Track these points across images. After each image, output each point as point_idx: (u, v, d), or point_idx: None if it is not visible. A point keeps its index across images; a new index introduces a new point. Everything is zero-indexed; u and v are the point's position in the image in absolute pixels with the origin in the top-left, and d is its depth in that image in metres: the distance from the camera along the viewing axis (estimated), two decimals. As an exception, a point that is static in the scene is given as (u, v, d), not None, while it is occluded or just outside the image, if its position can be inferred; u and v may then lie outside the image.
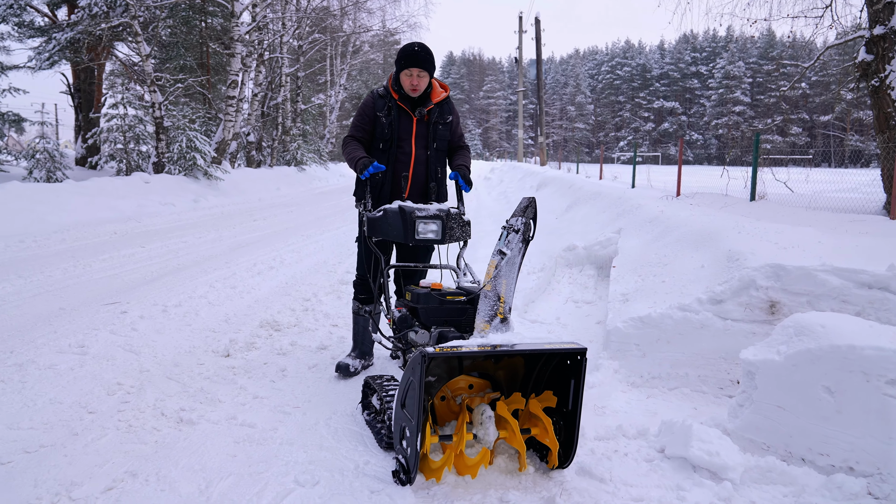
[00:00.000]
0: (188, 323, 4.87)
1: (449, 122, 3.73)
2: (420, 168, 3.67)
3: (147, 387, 3.53)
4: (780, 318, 3.55)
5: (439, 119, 3.68)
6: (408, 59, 3.50)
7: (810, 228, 4.47)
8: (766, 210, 8.52)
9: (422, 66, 3.51)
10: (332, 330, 4.81)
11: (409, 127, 3.64)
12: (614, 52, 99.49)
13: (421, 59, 3.50)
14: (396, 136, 3.61)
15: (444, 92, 3.71)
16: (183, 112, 17.56)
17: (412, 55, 3.50)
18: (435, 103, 3.66)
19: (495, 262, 2.76)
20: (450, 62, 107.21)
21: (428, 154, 3.67)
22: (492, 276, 2.74)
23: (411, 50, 3.51)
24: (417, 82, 3.53)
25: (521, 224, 2.77)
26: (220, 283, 6.33)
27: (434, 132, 3.66)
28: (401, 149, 3.64)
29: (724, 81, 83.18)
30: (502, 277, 2.74)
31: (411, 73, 3.51)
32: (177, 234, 10.00)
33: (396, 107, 3.62)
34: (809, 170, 14.10)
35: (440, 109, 3.69)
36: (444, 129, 3.71)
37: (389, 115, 3.60)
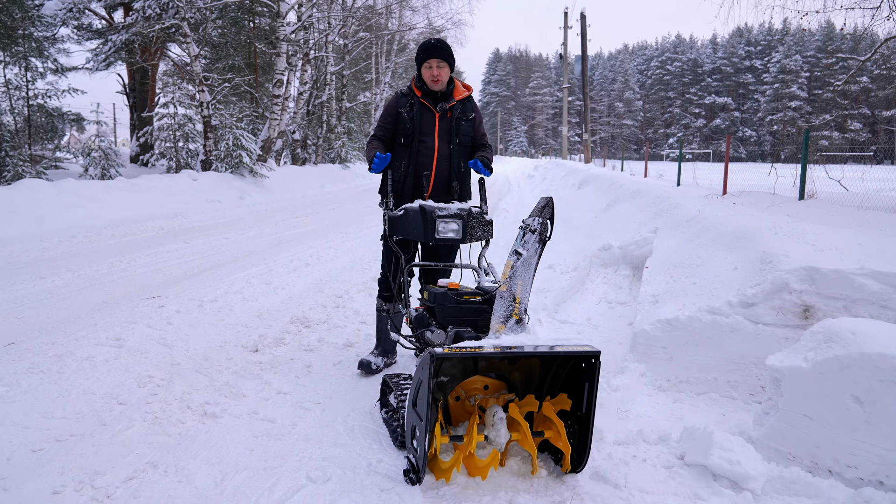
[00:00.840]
0: (222, 318, 4.98)
1: (472, 118, 3.77)
2: (443, 164, 3.70)
3: (176, 380, 3.63)
4: (814, 322, 3.41)
5: (462, 115, 3.73)
6: (426, 52, 3.60)
7: (851, 230, 4.29)
8: (814, 210, 8.21)
9: (441, 57, 3.59)
10: (360, 327, 4.85)
11: (432, 122, 3.69)
12: (664, 46, 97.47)
13: (439, 49, 3.61)
14: (419, 130, 3.66)
15: (466, 91, 3.77)
16: (230, 111, 17.99)
17: (430, 47, 3.62)
18: (458, 100, 3.72)
19: (511, 262, 2.74)
20: (496, 59, 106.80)
21: (451, 148, 3.70)
22: (507, 276, 2.72)
23: (429, 43, 3.65)
24: (438, 73, 3.60)
25: (537, 224, 2.74)
26: (257, 279, 6.46)
27: (457, 127, 3.70)
28: (423, 143, 3.68)
29: (780, 76, 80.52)
30: (518, 278, 2.71)
31: (431, 64, 3.59)
32: (220, 231, 10.24)
33: (419, 103, 3.69)
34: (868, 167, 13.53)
35: (462, 106, 3.74)
36: (468, 125, 3.74)
37: (412, 110, 3.67)
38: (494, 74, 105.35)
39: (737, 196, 11.07)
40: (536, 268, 2.78)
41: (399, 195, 3.60)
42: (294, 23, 20.74)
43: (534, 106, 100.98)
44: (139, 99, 22.88)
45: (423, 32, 39.34)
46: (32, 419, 3.07)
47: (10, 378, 3.55)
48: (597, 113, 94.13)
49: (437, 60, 3.59)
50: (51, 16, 19.49)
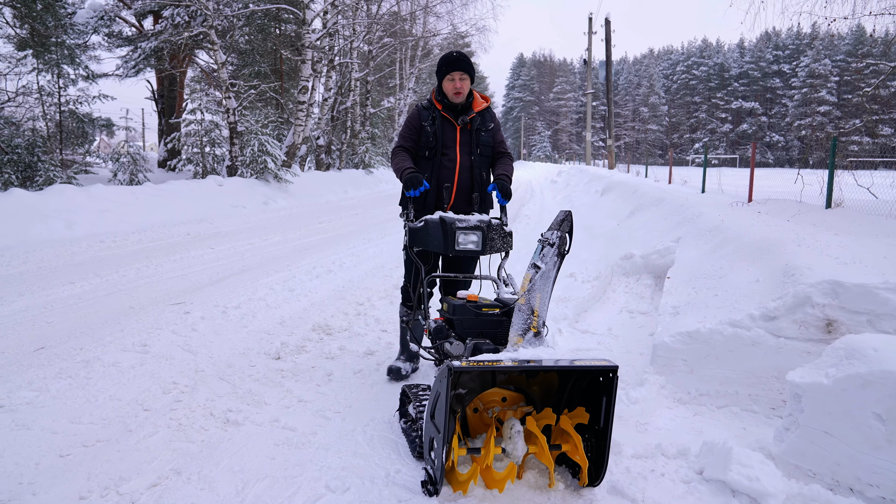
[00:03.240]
0: (245, 325, 5.06)
1: (491, 129, 3.86)
2: (465, 174, 3.79)
3: (200, 386, 3.70)
4: (837, 337, 3.37)
5: (482, 126, 3.82)
6: (449, 65, 3.68)
7: (877, 241, 4.22)
8: (840, 219, 8.08)
9: (463, 70, 3.68)
10: (380, 335, 4.89)
11: (453, 135, 3.78)
12: (690, 51, 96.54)
13: (462, 63, 3.69)
14: (441, 143, 3.74)
15: (484, 102, 3.86)
16: (256, 117, 18.23)
17: (452, 60, 3.69)
18: (477, 112, 3.80)
19: (530, 275, 2.75)
20: (520, 64, 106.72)
21: (472, 160, 3.79)
22: (526, 289, 2.74)
23: (451, 56, 3.72)
24: (460, 86, 3.68)
25: (556, 238, 2.75)
26: (280, 285, 6.54)
27: (477, 139, 3.80)
28: (446, 156, 3.76)
29: (809, 80, 79.26)
30: (536, 291, 2.73)
31: (453, 77, 3.68)
32: (244, 236, 10.38)
33: (440, 116, 3.77)
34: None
35: (482, 118, 3.83)
36: (487, 136, 3.84)
37: (434, 124, 3.74)
38: (518, 79, 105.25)
39: (762, 204, 10.94)
40: (555, 281, 2.79)
41: (422, 208, 3.66)
42: (319, 30, 20.97)
43: (558, 111, 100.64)
44: (167, 105, 23.32)
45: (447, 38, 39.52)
46: (60, 424, 3.15)
47: (39, 383, 3.65)
48: (621, 118, 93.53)
49: (459, 73, 3.67)
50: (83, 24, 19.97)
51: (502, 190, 3.56)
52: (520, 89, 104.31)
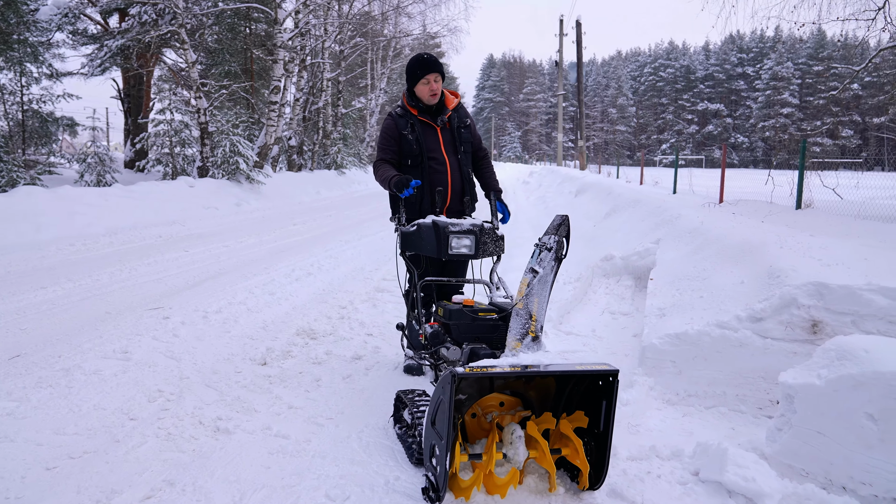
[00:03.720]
0: (227, 330, 4.97)
1: (468, 124, 3.90)
2: (456, 175, 3.81)
3: (186, 394, 3.62)
4: (822, 338, 3.45)
5: (460, 124, 3.86)
6: (422, 67, 3.67)
7: (856, 243, 4.33)
8: (812, 220, 8.27)
9: (438, 71, 3.69)
10: (366, 339, 4.86)
11: (435, 137, 3.79)
12: (657, 53, 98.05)
13: (435, 64, 3.70)
14: (425, 148, 3.73)
15: (455, 98, 3.89)
16: (227, 117, 17.97)
17: (425, 62, 3.68)
18: (452, 110, 3.83)
19: (527, 280, 2.75)
20: (490, 64, 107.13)
21: (459, 159, 3.82)
22: (524, 294, 2.74)
23: (422, 59, 3.70)
24: (436, 87, 3.70)
25: (553, 242, 2.76)
26: (259, 289, 6.45)
27: (459, 137, 3.83)
28: (434, 160, 3.76)
29: (772, 83, 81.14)
30: (534, 296, 2.73)
31: (428, 79, 3.67)
32: (219, 238, 10.22)
33: (418, 121, 3.77)
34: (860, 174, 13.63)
35: (457, 114, 3.87)
36: (467, 133, 3.88)
37: (414, 130, 3.74)
38: (488, 80, 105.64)
39: (733, 205, 11.14)
40: (552, 285, 2.80)
41: (418, 215, 3.64)
42: (291, 29, 20.76)
43: (527, 112, 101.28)
44: (134, 104, 22.83)
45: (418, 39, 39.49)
46: (44, 435, 3.06)
47: (19, 393, 3.54)
48: (590, 119, 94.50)
49: (434, 75, 3.67)
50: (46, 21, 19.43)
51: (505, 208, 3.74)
52: (490, 90, 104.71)
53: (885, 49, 11.68)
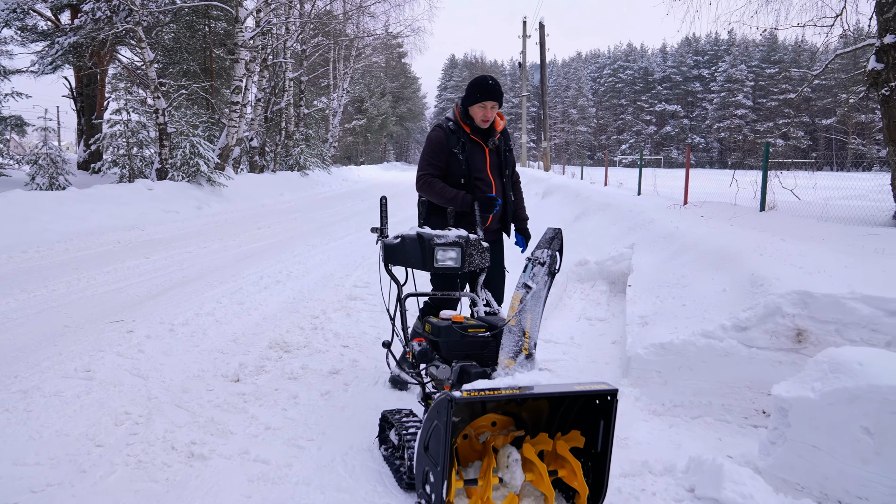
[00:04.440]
0: (196, 343, 4.77)
1: (512, 148, 3.93)
2: (500, 194, 3.81)
3: (156, 416, 3.43)
4: (807, 346, 3.45)
5: (506, 147, 3.86)
6: (484, 93, 3.57)
7: (832, 249, 4.37)
8: (778, 222, 8.41)
9: (497, 99, 3.61)
10: (342, 352, 4.70)
11: (483, 158, 3.75)
12: (616, 55, 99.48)
13: (497, 93, 3.59)
14: (474, 168, 3.69)
15: (502, 122, 3.81)
16: (186, 118, 17.50)
17: (488, 89, 3.57)
18: (500, 132, 3.79)
19: (520, 295, 2.66)
20: (452, 65, 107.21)
21: (504, 182, 3.83)
22: (516, 310, 2.65)
23: (486, 83, 3.59)
24: (491, 115, 3.64)
25: (546, 256, 2.67)
26: (227, 298, 6.24)
27: (505, 160, 3.82)
28: (480, 180, 3.72)
29: (727, 85, 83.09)
30: (527, 312, 2.64)
31: (485, 105, 3.59)
32: (181, 244, 9.91)
33: (469, 140, 3.71)
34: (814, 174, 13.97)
35: (504, 138, 3.86)
36: (511, 157, 3.90)
37: (464, 150, 3.68)
38: (450, 80, 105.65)
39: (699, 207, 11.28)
40: (546, 301, 2.72)
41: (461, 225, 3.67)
42: (252, 28, 20.35)
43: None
44: (87, 104, 22.07)
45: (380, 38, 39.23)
46: (3, 467, 2.85)
47: (-27, 419, 3.30)
48: (551, 119, 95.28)
49: (492, 102, 3.60)
50: (-7, 17, 18.65)
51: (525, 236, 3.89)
52: (452, 90, 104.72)
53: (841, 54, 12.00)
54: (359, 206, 18.28)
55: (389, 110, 63.15)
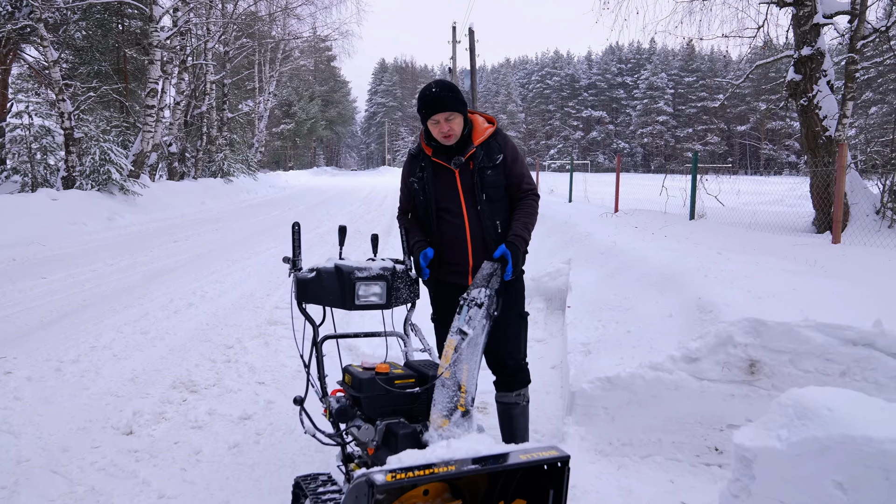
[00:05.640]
0: (85, 386, 4.16)
1: (498, 162, 2.89)
2: (476, 230, 2.90)
3: (23, 488, 2.87)
4: (760, 378, 3.23)
5: (486, 163, 2.88)
6: (428, 106, 2.80)
7: (779, 270, 4.21)
8: (710, 232, 8.40)
9: (449, 108, 2.78)
10: (257, 390, 4.20)
11: (452, 183, 2.91)
12: (544, 62, 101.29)
13: (445, 100, 2.78)
14: (433, 199, 2.92)
15: (489, 127, 2.96)
16: (96, 122, 16.34)
17: (432, 100, 2.79)
18: (478, 145, 2.89)
19: (454, 342, 2.29)
20: (382, 69, 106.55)
21: (478, 210, 2.88)
22: (450, 360, 2.27)
23: (429, 93, 2.81)
24: (448, 128, 2.80)
25: (484, 297, 2.31)
26: (130, 326, 5.61)
27: (481, 181, 2.86)
28: (447, 211, 2.92)
29: (649, 92, 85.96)
30: (463, 362, 2.27)
31: (438, 119, 2.80)
32: (85, 261, 9.08)
33: (431, 164, 2.93)
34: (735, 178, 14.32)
35: (486, 150, 2.90)
36: (495, 174, 2.88)
37: (423, 177, 2.95)
38: (381, 84, 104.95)
39: (630, 215, 11.28)
40: (484, 348, 2.35)
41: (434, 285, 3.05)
42: (169, 28, 19.29)
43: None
44: (-15, 106, 20.39)
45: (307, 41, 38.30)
46: None
47: None
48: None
49: (444, 114, 2.79)
50: None
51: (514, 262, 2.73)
52: (382, 94, 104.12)
53: (763, 64, 12.31)
54: (285, 215, 17.57)
55: (319, 114, 61.91)
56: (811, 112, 10.18)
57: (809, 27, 10.20)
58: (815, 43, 10.31)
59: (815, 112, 10.19)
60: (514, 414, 3.12)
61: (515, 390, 3.12)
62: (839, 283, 3.92)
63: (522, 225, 2.85)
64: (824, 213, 9.78)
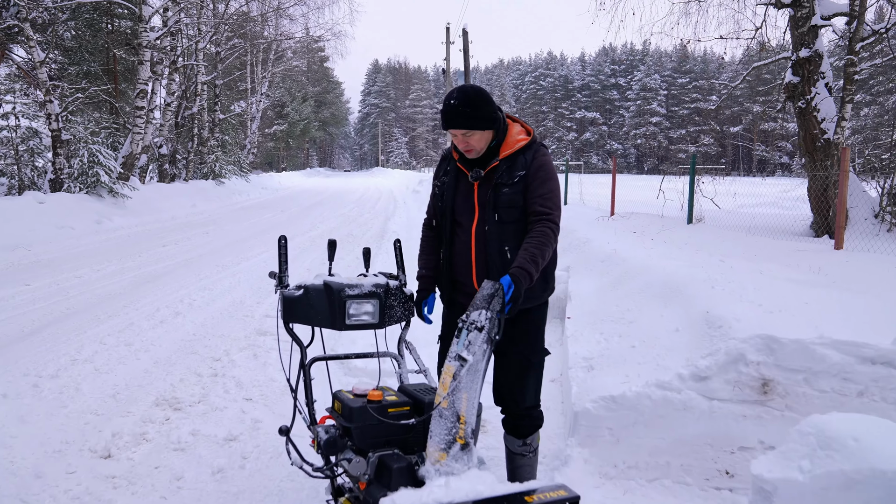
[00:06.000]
0: (64, 403, 3.97)
1: (517, 179, 2.54)
2: (481, 251, 2.61)
3: (-11, 520, 2.68)
4: (773, 398, 3.07)
5: (505, 179, 2.54)
6: (445, 120, 2.53)
7: (787, 281, 4.05)
8: (710, 237, 8.27)
9: (464, 126, 2.49)
10: (244, 408, 4.01)
11: (470, 196, 2.63)
12: (537, 63, 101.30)
13: (461, 116, 2.48)
14: (451, 209, 2.67)
15: (522, 140, 2.61)
16: (85, 124, 16.08)
17: (447, 114, 2.51)
18: (504, 157, 2.56)
19: (452, 369, 2.11)
20: (375, 70, 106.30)
21: (486, 230, 2.57)
22: (448, 388, 2.09)
23: (447, 105, 2.51)
24: (465, 143, 2.53)
25: (485, 320, 2.13)
26: (113, 337, 5.41)
27: (495, 198, 2.54)
28: (461, 226, 2.67)
29: (642, 93, 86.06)
30: (462, 391, 2.09)
31: (455, 134, 2.53)
32: (71, 266, 8.85)
33: (455, 170, 2.68)
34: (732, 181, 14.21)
35: (510, 164, 2.56)
36: (512, 192, 2.53)
37: (445, 182, 2.72)
38: (374, 85, 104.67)
39: (627, 219, 11.15)
40: (485, 374, 2.18)
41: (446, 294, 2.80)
42: (159, 28, 19.05)
43: (414, 118, 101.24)
44: (-27, 107, 20.08)
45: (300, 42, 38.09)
46: None
47: None
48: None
49: (462, 131, 2.50)
50: None
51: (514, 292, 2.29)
52: (376, 95, 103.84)
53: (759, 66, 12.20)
54: (277, 218, 17.36)
55: (312, 115, 61.67)
56: (809, 115, 10.06)
57: (807, 29, 10.08)
58: (813, 45, 10.19)
59: (814, 115, 10.07)
60: (518, 464, 2.82)
61: (521, 437, 2.77)
62: (850, 295, 3.77)
63: (529, 257, 2.41)
64: (822, 217, 9.67)
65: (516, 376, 2.70)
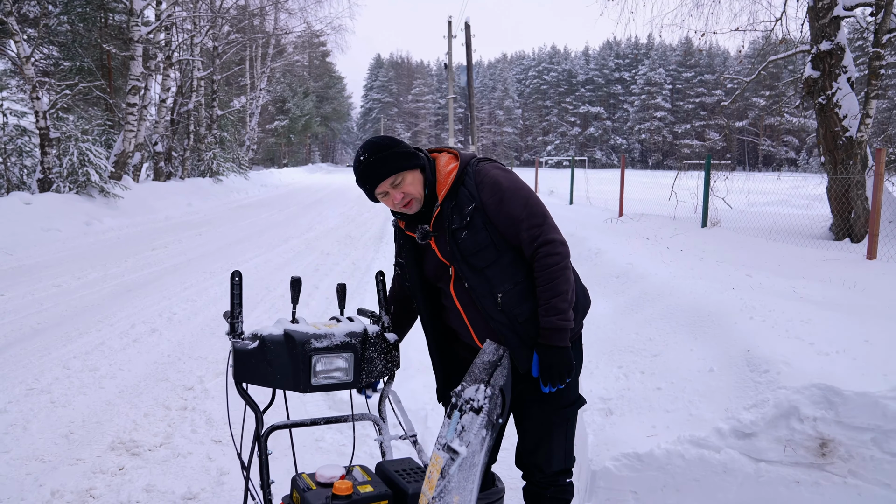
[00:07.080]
0: (7, 447, 3.47)
1: (469, 218, 2.03)
2: (473, 314, 2.12)
3: None
4: (834, 461, 2.55)
5: (457, 221, 2.05)
6: (364, 181, 2.11)
7: (839, 311, 3.53)
8: (726, 244, 7.74)
9: (386, 174, 2.06)
10: (211, 453, 3.50)
11: (434, 258, 2.17)
12: (541, 57, 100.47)
13: (378, 163, 2.05)
14: (418, 283, 2.23)
15: (453, 167, 2.12)
16: (76, 121, 15.58)
17: (363, 172, 2.09)
18: (442, 201, 2.09)
19: (441, 463, 1.61)
20: (378, 65, 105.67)
21: (466, 286, 2.08)
22: (434, 487, 1.59)
23: (359, 164, 2.09)
24: (401, 195, 2.08)
25: (484, 398, 1.63)
26: (79, 360, 4.91)
27: (458, 249, 2.05)
28: (444, 294, 2.22)
29: (646, 87, 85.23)
30: (453, 492, 1.59)
31: (385, 191, 2.09)
32: (52, 273, 8.37)
33: (407, 239, 2.24)
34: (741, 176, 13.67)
35: (454, 203, 2.07)
36: (472, 234, 2.03)
37: (401, 262, 2.30)
38: (376, 80, 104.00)
39: (636, 220, 10.62)
40: (483, 468, 1.68)
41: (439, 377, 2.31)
42: (152, 22, 18.53)
43: (416, 112, 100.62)
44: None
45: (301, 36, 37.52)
46: None
47: None
48: (478, 120, 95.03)
49: (387, 182, 2.07)
50: None
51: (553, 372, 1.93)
52: (378, 90, 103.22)
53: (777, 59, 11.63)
54: (275, 217, 16.85)
55: (313, 110, 61.08)
56: (830, 111, 9.50)
57: (829, 20, 9.51)
58: (834, 37, 9.61)
59: (835, 111, 9.51)
60: None
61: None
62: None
63: (547, 308, 1.96)
64: (843, 220, 9.14)
65: (541, 433, 2.17)
